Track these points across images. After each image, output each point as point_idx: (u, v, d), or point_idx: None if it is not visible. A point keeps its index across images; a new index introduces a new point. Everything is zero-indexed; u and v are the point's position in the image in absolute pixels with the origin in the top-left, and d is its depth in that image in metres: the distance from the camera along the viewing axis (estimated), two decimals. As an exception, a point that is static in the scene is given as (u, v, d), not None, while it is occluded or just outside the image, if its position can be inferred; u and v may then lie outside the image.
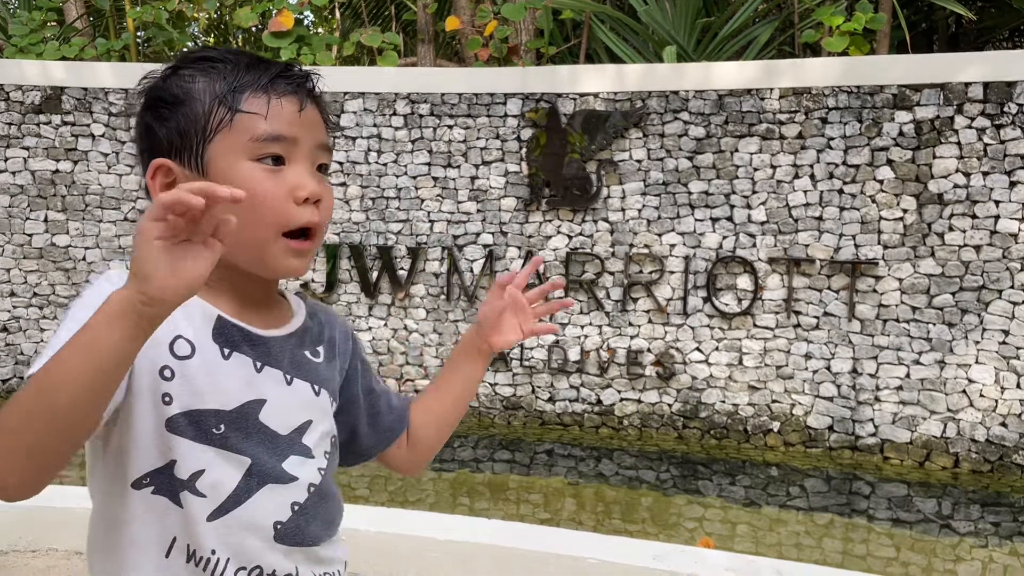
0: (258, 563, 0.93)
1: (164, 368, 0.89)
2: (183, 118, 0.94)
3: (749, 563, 2.59)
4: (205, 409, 0.90)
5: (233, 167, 0.92)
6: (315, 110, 0.99)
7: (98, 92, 5.43)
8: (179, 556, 0.90)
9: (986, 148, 4.44)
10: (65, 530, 2.88)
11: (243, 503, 0.92)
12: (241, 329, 0.95)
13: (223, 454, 0.91)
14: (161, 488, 0.90)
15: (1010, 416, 4.42)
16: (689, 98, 4.93)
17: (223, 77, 0.95)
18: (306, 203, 0.94)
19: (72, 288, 5.46)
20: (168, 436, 0.89)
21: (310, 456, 0.98)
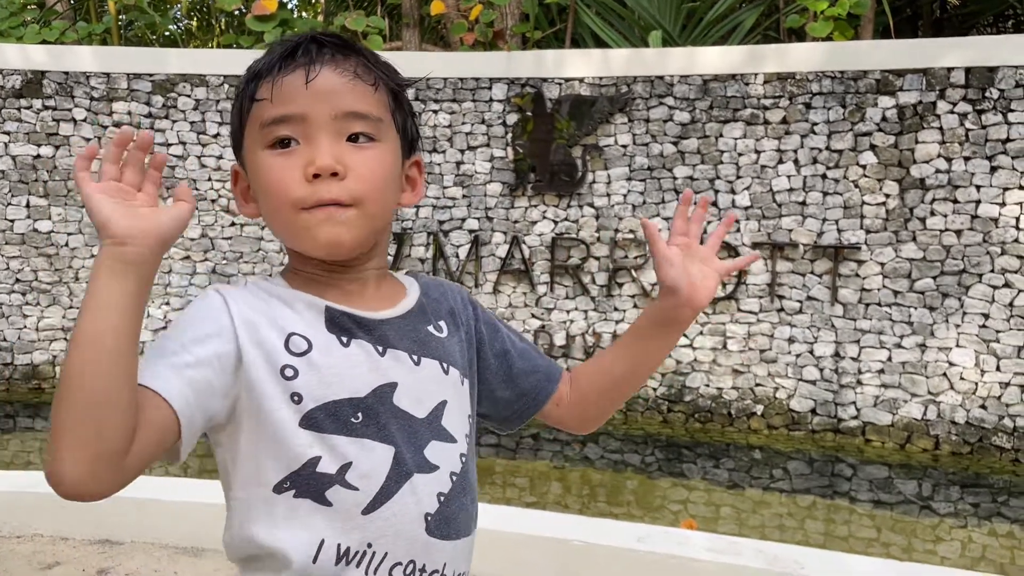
0: (412, 557, 0.88)
1: (285, 368, 0.85)
2: (233, 118, 0.94)
3: (731, 544, 2.62)
4: (339, 399, 0.87)
5: (256, 159, 0.89)
6: (336, 75, 0.89)
7: (79, 76, 5.38)
8: (327, 560, 0.86)
9: (968, 133, 4.48)
10: (50, 515, 2.88)
11: (395, 494, 0.87)
12: (352, 316, 0.90)
13: (367, 443, 0.87)
14: (303, 490, 0.86)
15: (989, 399, 4.48)
16: (674, 83, 4.94)
17: (250, 70, 0.92)
18: (318, 179, 0.86)
19: (55, 274, 5.43)
20: (306, 434, 0.85)
21: (451, 440, 0.93)
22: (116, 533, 2.84)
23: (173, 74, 5.40)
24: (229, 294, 0.88)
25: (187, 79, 5.40)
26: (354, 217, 0.88)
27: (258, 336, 0.86)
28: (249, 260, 5.44)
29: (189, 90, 5.40)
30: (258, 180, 0.89)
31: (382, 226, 0.95)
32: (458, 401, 0.95)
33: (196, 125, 5.42)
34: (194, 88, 5.40)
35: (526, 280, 5.13)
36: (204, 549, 2.78)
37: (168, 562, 2.72)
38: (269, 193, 0.88)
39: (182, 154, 5.43)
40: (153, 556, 2.75)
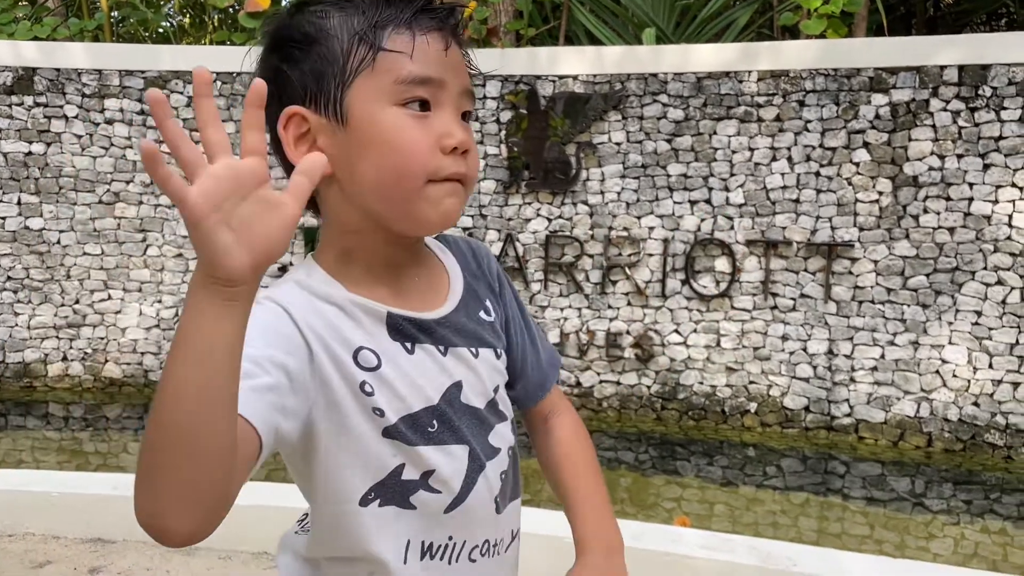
0: (487, 537, 0.93)
1: (363, 384, 0.84)
2: (318, 58, 0.84)
3: (725, 541, 2.62)
4: (416, 411, 0.87)
5: (377, 113, 0.83)
6: (458, 51, 0.87)
7: (71, 73, 5.36)
8: (414, 558, 0.89)
9: (960, 131, 4.49)
10: (41, 514, 2.87)
11: (472, 489, 0.90)
12: (413, 320, 0.88)
13: (445, 449, 0.88)
14: (388, 499, 0.87)
15: (982, 396, 4.49)
16: (668, 80, 4.94)
17: (361, 12, 0.84)
18: (454, 152, 0.84)
19: (47, 272, 5.40)
20: (389, 444, 0.86)
21: (504, 419, 0.97)
22: (108, 532, 2.84)
23: (166, 71, 5.38)
24: (292, 308, 0.83)
25: (180, 76, 5.37)
26: (463, 193, 0.87)
27: (330, 352, 0.83)
28: (242, 258, 5.41)
29: (182, 87, 5.38)
30: (381, 137, 0.83)
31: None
32: (504, 379, 0.98)
33: (189, 122, 5.40)
34: (187, 85, 5.37)
35: (520, 278, 5.12)
36: (197, 548, 2.78)
37: (160, 561, 2.71)
38: (397, 153, 0.83)
39: (175, 151, 5.39)
40: (145, 555, 2.74)
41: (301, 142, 0.86)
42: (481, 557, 0.92)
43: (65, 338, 5.45)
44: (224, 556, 2.74)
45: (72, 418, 5.00)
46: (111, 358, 5.47)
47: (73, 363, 5.45)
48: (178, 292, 5.45)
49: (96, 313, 5.46)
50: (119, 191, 5.41)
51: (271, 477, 4.08)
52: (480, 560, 0.92)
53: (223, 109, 5.37)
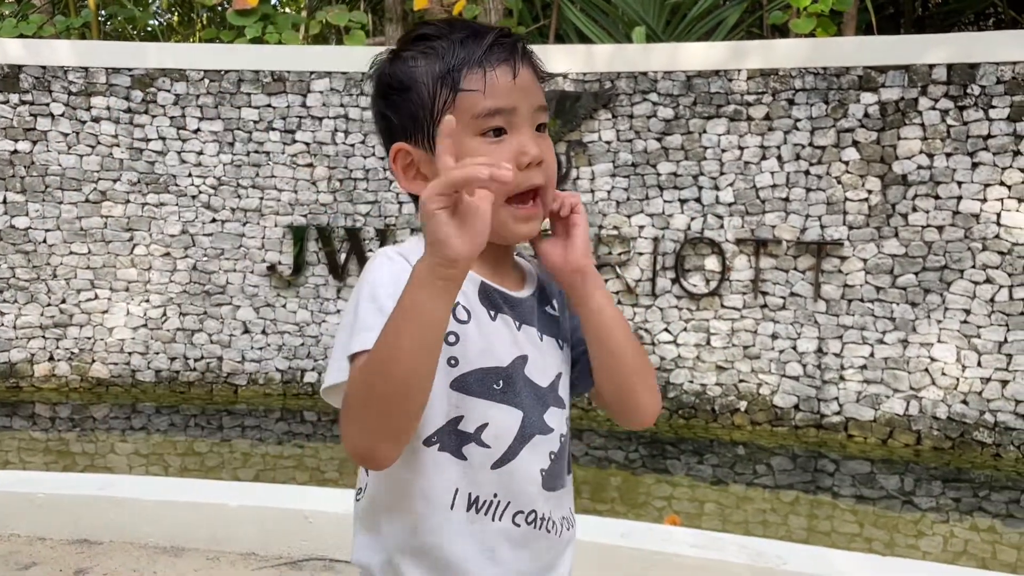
0: (532, 507, 1.01)
1: (449, 334, 0.95)
2: (412, 104, 1.00)
3: (714, 540, 2.62)
4: (488, 367, 0.98)
5: (462, 145, 0.94)
6: (529, 71, 1.01)
7: (57, 71, 5.32)
8: (461, 506, 0.98)
9: (949, 129, 4.50)
10: (27, 515, 2.84)
11: (519, 453, 1.00)
12: (501, 292, 1.02)
13: (503, 408, 0.99)
14: (445, 444, 0.98)
15: (971, 394, 4.51)
16: (658, 79, 4.94)
17: (441, 57, 0.98)
18: (529, 167, 0.97)
19: (33, 271, 5.36)
20: (455, 395, 0.97)
21: (563, 406, 1.06)
22: (94, 533, 2.81)
23: (153, 69, 5.34)
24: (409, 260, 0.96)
25: (167, 74, 5.34)
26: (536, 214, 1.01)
27: None
28: (230, 256, 5.39)
29: (169, 85, 5.35)
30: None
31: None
32: (567, 372, 1.08)
33: (176, 120, 5.37)
34: (174, 83, 5.34)
35: (510, 277, 5.11)
36: (184, 549, 2.76)
37: (147, 562, 2.69)
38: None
39: (162, 149, 5.37)
40: (132, 556, 2.72)
41: (408, 171, 1.03)
42: (526, 525, 1.01)
43: (52, 338, 5.41)
44: (212, 557, 2.73)
45: (59, 418, 4.96)
46: (98, 358, 5.43)
47: (60, 363, 5.42)
48: (165, 292, 5.42)
49: (83, 313, 5.42)
50: (105, 190, 5.37)
51: (259, 478, 4.06)
52: (524, 528, 1.01)
53: (211, 107, 5.34)
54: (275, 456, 4.38)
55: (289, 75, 5.29)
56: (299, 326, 5.36)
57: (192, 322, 5.42)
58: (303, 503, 2.82)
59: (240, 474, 4.13)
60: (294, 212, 5.35)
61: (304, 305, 5.37)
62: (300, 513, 2.76)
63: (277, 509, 2.79)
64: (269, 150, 5.33)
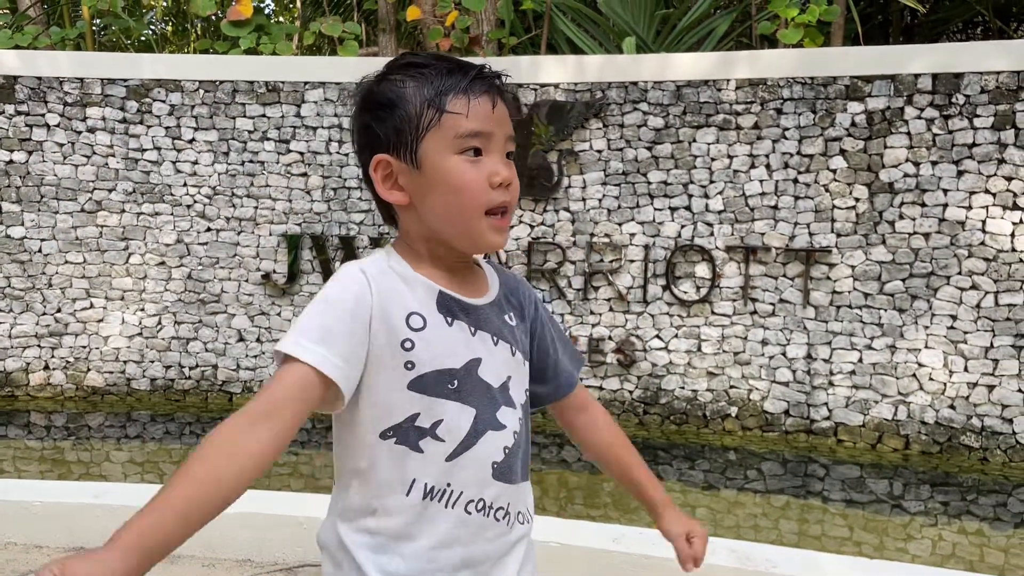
0: (482, 496, 1.11)
1: (405, 341, 1.07)
2: (398, 119, 1.10)
3: (704, 543, 2.65)
4: (443, 369, 1.09)
5: (443, 161, 1.08)
6: (503, 106, 1.11)
7: (53, 81, 5.35)
8: (417, 494, 1.09)
9: (935, 138, 4.56)
10: (23, 524, 2.86)
11: (472, 446, 1.10)
12: (458, 300, 1.13)
13: (457, 405, 1.10)
14: (401, 439, 1.09)
15: (958, 399, 4.56)
16: (648, 89, 4.99)
17: (429, 81, 1.09)
18: (500, 187, 1.09)
19: (28, 280, 5.38)
20: (412, 395, 1.08)
21: (514, 407, 1.15)
22: (90, 541, 2.83)
23: (148, 79, 5.38)
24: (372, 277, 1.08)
25: (162, 84, 5.38)
26: (506, 226, 1.13)
27: (387, 313, 1.07)
28: (225, 265, 5.42)
29: (164, 95, 5.38)
30: (449, 180, 1.09)
31: None
32: (519, 377, 1.18)
33: (171, 130, 5.40)
34: (169, 93, 5.38)
35: (503, 284, 5.15)
36: (179, 556, 2.78)
37: (144, 568, 2.71)
38: (459, 192, 1.08)
39: (157, 159, 5.40)
40: (128, 563, 2.73)
41: (387, 180, 1.12)
42: (476, 513, 1.11)
43: (47, 347, 5.43)
44: (207, 564, 2.75)
45: (54, 427, 4.98)
46: (93, 367, 5.45)
47: (55, 372, 5.43)
48: (160, 300, 5.45)
49: (78, 322, 5.44)
50: (101, 199, 5.40)
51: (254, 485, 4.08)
52: (475, 515, 1.11)
53: (206, 117, 5.38)
54: (270, 464, 4.39)
55: (283, 85, 5.33)
56: (293, 334, 5.38)
57: (187, 330, 5.45)
58: (298, 510, 2.84)
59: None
60: (288, 221, 5.39)
61: (299, 313, 5.39)
62: (295, 520, 2.78)
63: (272, 516, 2.81)
64: (264, 160, 5.37)
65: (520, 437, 1.16)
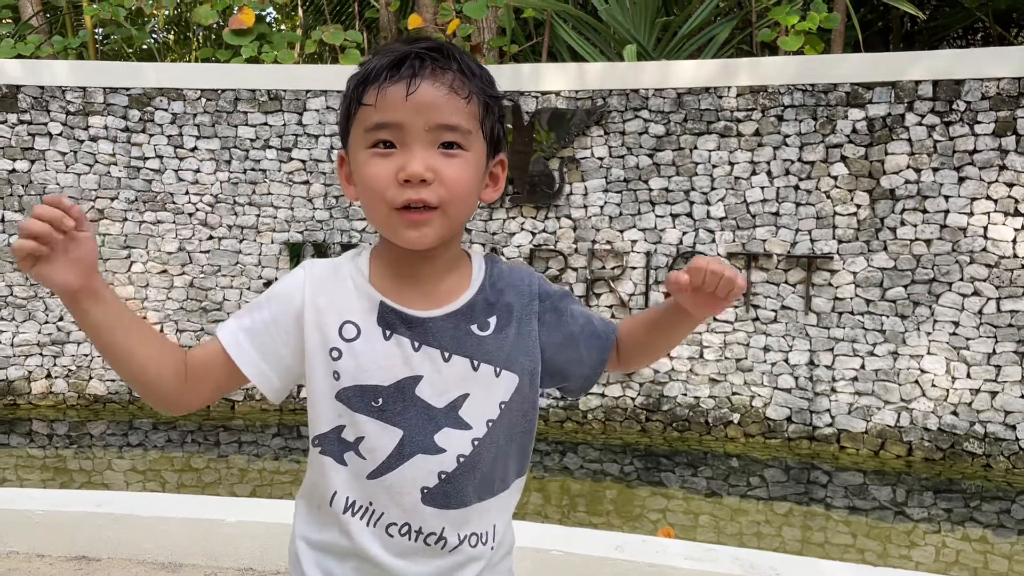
0: (407, 520, 1.05)
1: (332, 349, 1.04)
2: (341, 113, 1.08)
3: (708, 551, 2.65)
4: (367, 385, 1.04)
5: (356, 156, 1.04)
6: (433, 89, 1.00)
7: (55, 90, 5.36)
8: (339, 506, 1.06)
9: (936, 145, 4.57)
10: (25, 532, 2.85)
11: (395, 468, 1.05)
12: (400, 313, 1.05)
13: (380, 425, 1.04)
14: (327, 450, 1.06)
15: (961, 405, 4.55)
16: (649, 96, 5.00)
17: (359, 73, 1.04)
18: (408, 183, 0.99)
19: (30, 289, 5.39)
20: (338, 405, 1.05)
21: (465, 428, 1.06)
22: (93, 549, 2.83)
23: (150, 88, 5.39)
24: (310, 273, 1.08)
25: (164, 93, 5.39)
26: (436, 219, 1.01)
27: (321, 318, 1.05)
28: (227, 273, 5.43)
29: (166, 104, 5.40)
30: (358, 175, 1.04)
31: (461, 224, 1.07)
32: (485, 393, 1.07)
33: (173, 139, 5.42)
34: (171, 102, 5.39)
35: (504, 292, 5.15)
36: (182, 565, 2.78)
37: (146, 577, 2.71)
38: (366, 189, 1.03)
39: (159, 168, 5.42)
40: (130, 572, 2.74)
41: (350, 178, 1.09)
42: (400, 536, 1.06)
43: (49, 355, 5.43)
44: (210, 573, 2.75)
45: (56, 435, 4.98)
46: (95, 375, 5.45)
47: (57, 380, 5.43)
48: (162, 308, 5.45)
49: (80, 330, 5.43)
50: (103, 208, 5.41)
51: (257, 493, 4.08)
52: (397, 538, 1.06)
53: (208, 125, 5.39)
54: (272, 471, 4.39)
55: (285, 93, 5.35)
56: (295, 342, 5.38)
57: (189, 339, 5.45)
58: (300, 518, 2.83)
59: (237, 490, 4.14)
60: (290, 229, 5.39)
61: (300, 321, 5.39)
62: (297, 528, 2.77)
63: (275, 524, 2.80)
64: (265, 168, 5.38)
65: (474, 459, 1.06)
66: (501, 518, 1.12)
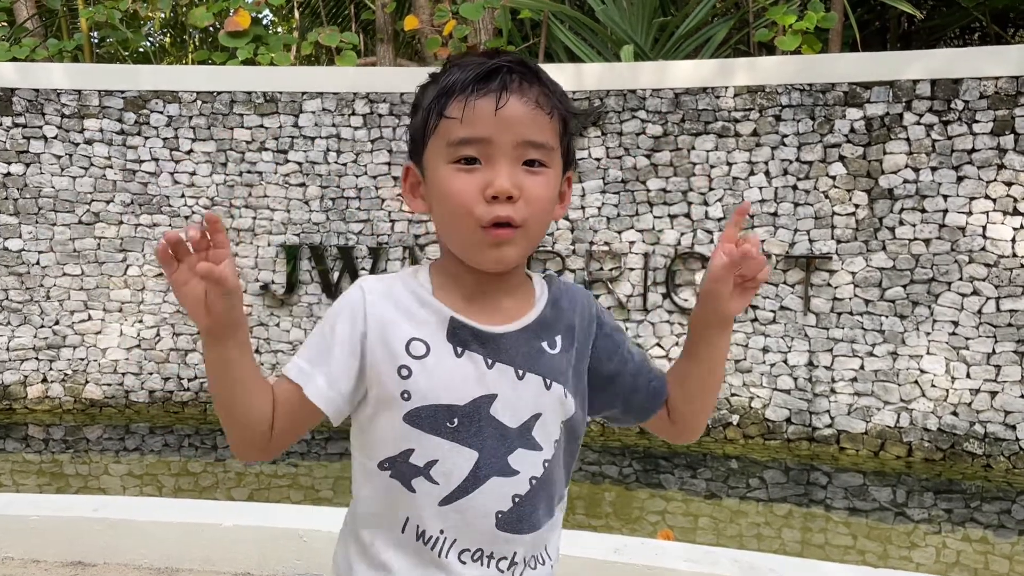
0: (480, 546, 1.01)
1: (402, 368, 0.98)
2: (415, 125, 1.03)
3: (707, 553, 2.64)
4: (440, 404, 0.98)
5: (436, 171, 0.99)
6: (521, 104, 0.97)
7: (50, 93, 5.34)
8: (411, 534, 1.00)
9: (934, 144, 4.56)
10: (21, 538, 2.84)
11: (470, 493, 0.99)
12: (472, 329, 1.01)
13: (455, 447, 0.99)
14: (396, 473, 1.00)
15: (960, 405, 4.54)
16: (646, 96, 4.99)
17: (439, 83, 1.00)
18: (495, 200, 0.96)
19: (26, 293, 5.37)
20: (407, 428, 0.99)
21: (536, 448, 1.02)
22: (89, 555, 2.81)
23: (146, 90, 5.37)
24: (370, 291, 1.02)
25: (160, 95, 5.37)
26: (519, 238, 0.98)
27: (386, 334, 0.99)
28: (224, 277, 5.40)
29: (162, 106, 5.38)
30: (439, 190, 0.99)
31: (538, 243, 1.05)
32: (555, 413, 1.03)
33: (169, 141, 5.40)
34: (167, 104, 5.37)
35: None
36: (179, 570, 2.76)
37: (142, 583, 2.69)
38: (449, 205, 0.98)
39: (155, 171, 5.39)
40: (126, 577, 2.72)
41: (416, 190, 1.05)
42: (472, 563, 1.01)
43: (45, 359, 5.40)
44: (206, 577, 2.73)
45: (52, 440, 4.95)
46: (91, 379, 5.43)
47: (53, 384, 5.41)
48: (159, 312, 5.43)
49: (76, 334, 5.42)
50: (99, 211, 5.38)
51: (254, 497, 4.06)
52: (470, 564, 1.01)
53: (204, 128, 5.37)
54: (269, 475, 4.38)
55: (281, 95, 5.33)
56: (293, 345, 5.37)
57: (186, 342, 5.43)
58: (298, 522, 2.82)
59: (234, 494, 4.12)
60: (287, 231, 5.38)
61: (298, 324, 5.39)
62: (295, 532, 2.76)
63: (272, 528, 2.79)
64: (262, 170, 5.36)
65: (544, 481, 1.03)
66: (556, 534, 1.09)
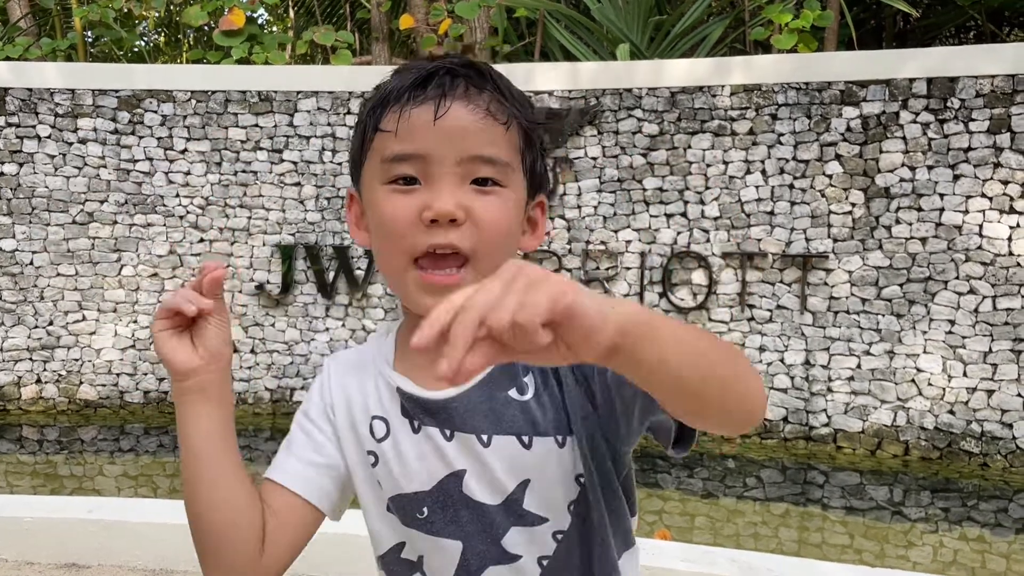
0: None
1: (370, 453, 0.87)
2: (353, 143, 0.89)
3: (704, 553, 2.63)
4: (407, 493, 0.84)
5: (372, 193, 0.84)
6: (467, 112, 0.81)
7: (43, 93, 5.32)
8: None
9: (930, 142, 4.55)
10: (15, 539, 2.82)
11: None
12: (417, 400, 0.84)
13: (433, 541, 0.84)
14: (394, 570, 0.88)
15: (957, 404, 4.54)
16: (642, 95, 4.98)
17: (378, 93, 0.85)
18: (435, 224, 0.79)
19: (20, 293, 5.34)
20: (392, 520, 0.87)
21: (537, 523, 0.83)
22: (83, 557, 2.80)
23: (139, 90, 5.35)
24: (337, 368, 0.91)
25: (154, 95, 5.35)
26: (467, 278, 0.80)
27: (352, 418, 0.89)
28: (219, 276, 5.38)
29: (156, 106, 5.35)
30: (373, 215, 0.84)
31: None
32: (552, 471, 0.83)
33: (163, 141, 5.37)
34: (161, 104, 5.35)
35: (498, 293, 5.12)
36: (173, 571, 2.74)
37: (136, 585, 2.67)
38: (382, 232, 0.83)
39: (149, 170, 5.37)
40: (121, 579, 2.70)
41: (360, 220, 0.89)
42: None
43: (39, 360, 5.38)
44: (201, 579, 2.71)
45: (46, 441, 4.93)
46: (86, 380, 5.40)
47: (47, 385, 5.38)
48: (153, 312, 5.40)
49: (70, 334, 5.40)
50: (93, 211, 5.36)
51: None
52: None
53: (198, 127, 5.35)
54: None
55: (276, 95, 5.31)
56: (288, 345, 5.36)
57: (180, 342, 5.40)
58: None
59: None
60: (282, 231, 5.36)
61: (293, 324, 5.37)
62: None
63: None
64: (256, 170, 5.34)
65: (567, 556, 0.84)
66: None
